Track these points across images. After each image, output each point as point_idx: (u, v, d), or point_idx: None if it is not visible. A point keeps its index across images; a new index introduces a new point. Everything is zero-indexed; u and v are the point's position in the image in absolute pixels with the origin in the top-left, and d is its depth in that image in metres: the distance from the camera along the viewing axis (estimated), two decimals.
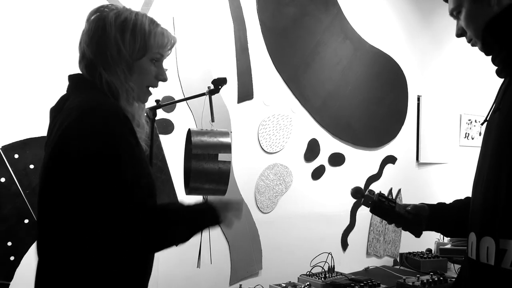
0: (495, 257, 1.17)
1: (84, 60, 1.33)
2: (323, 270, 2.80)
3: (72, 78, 1.37)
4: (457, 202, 1.55)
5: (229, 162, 1.76)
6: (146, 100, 1.42)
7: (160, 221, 1.24)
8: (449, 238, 3.45)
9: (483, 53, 1.34)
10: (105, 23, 1.30)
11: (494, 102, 1.36)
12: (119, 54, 1.30)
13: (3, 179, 1.96)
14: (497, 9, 1.23)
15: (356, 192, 1.54)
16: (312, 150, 3.08)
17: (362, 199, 1.53)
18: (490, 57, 1.33)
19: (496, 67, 1.33)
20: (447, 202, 1.56)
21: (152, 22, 1.36)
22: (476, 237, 1.24)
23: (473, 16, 1.28)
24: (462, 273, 1.38)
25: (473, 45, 1.34)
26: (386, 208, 1.50)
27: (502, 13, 1.23)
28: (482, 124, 1.38)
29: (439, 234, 1.73)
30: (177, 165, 2.07)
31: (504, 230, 1.17)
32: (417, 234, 1.53)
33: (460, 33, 1.34)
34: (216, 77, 1.95)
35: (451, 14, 1.35)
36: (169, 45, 1.39)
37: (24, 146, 2.00)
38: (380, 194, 1.52)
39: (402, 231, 1.69)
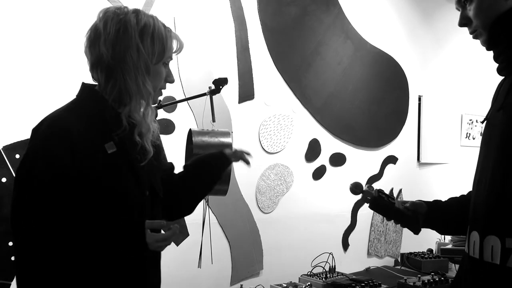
0: (501, 256, 1.17)
1: (100, 64, 1.30)
2: (324, 270, 2.80)
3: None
4: (452, 200, 1.54)
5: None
6: (157, 101, 1.44)
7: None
8: (450, 239, 3.45)
9: (483, 48, 1.32)
10: (127, 26, 1.28)
11: (494, 100, 1.34)
12: (139, 58, 1.29)
13: (4, 179, 1.96)
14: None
15: (356, 187, 1.53)
16: (313, 150, 3.08)
17: (361, 195, 1.52)
18: (492, 54, 1.32)
19: (497, 65, 1.31)
20: (443, 200, 1.56)
21: (165, 26, 1.36)
22: (479, 236, 1.24)
23: (486, 6, 1.25)
24: (461, 272, 1.38)
25: (475, 37, 1.32)
26: (386, 204, 1.49)
27: None
28: (482, 122, 1.37)
29: (440, 233, 1.72)
30: (178, 165, 2.08)
31: (511, 230, 1.16)
32: (416, 231, 1.53)
33: (464, 23, 1.32)
34: (217, 77, 1.95)
35: (459, 1, 1.32)
36: (179, 49, 1.41)
37: (26, 146, 1.99)
38: (379, 190, 1.51)
39: (403, 231, 1.69)
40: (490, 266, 1.20)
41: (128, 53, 1.28)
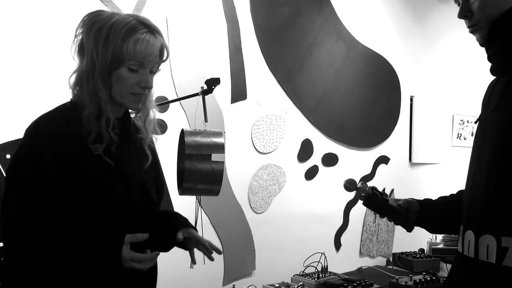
0: (497, 255, 1.17)
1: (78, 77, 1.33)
2: (316, 270, 2.81)
3: None
4: (442, 199, 1.55)
5: (223, 162, 1.76)
6: (136, 108, 1.38)
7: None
8: (441, 238, 3.46)
9: (475, 49, 1.31)
10: (84, 32, 1.30)
11: (486, 101, 1.34)
12: (92, 64, 1.28)
13: None
14: None
15: (350, 184, 1.54)
16: (306, 150, 3.09)
17: (355, 191, 1.53)
18: (485, 55, 1.31)
19: (490, 65, 1.31)
20: (433, 199, 1.57)
21: (131, 29, 1.26)
22: (474, 235, 1.24)
23: (493, 1, 1.24)
24: (454, 271, 1.38)
25: (472, 31, 1.30)
26: (379, 202, 1.50)
27: None
28: (475, 122, 1.37)
29: (430, 232, 1.73)
30: (170, 165, 2.07)
31: (507, 228, 1.17)
32: (409, 229, 1.54)
33: (464, 15, 1.30)
34: (209, 77, 1.94)
35: None
36: (149, 53, 1.28)
37: (16, 146, 1.98)
38: (373, 187, 1.52)
39: (395, 231, 1.69)
40: (486, 265, 1.20)
41: (85, 58, 1.29)
